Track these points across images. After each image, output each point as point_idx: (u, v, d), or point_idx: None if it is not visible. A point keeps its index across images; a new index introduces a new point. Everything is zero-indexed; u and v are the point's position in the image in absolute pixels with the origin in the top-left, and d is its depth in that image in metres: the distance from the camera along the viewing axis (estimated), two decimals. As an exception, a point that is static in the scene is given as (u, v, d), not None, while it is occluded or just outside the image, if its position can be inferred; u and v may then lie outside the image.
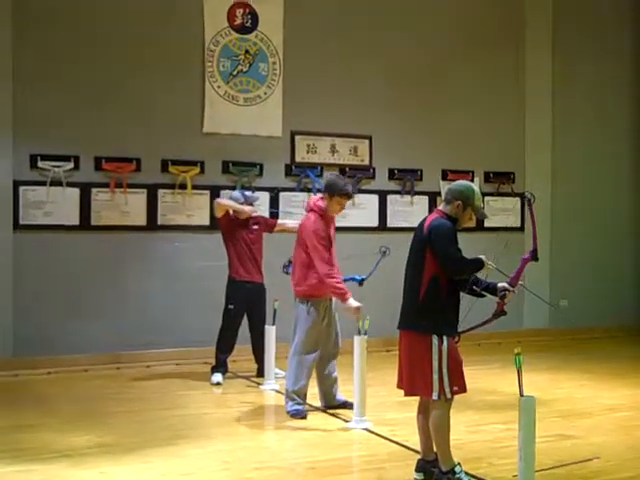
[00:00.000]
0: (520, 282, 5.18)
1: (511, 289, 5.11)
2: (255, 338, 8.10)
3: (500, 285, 5.08)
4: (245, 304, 7.95)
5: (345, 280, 6.75)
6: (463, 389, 4.98)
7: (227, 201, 8.07)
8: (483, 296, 5.06)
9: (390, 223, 10.20)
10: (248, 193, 8.30)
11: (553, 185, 11.21)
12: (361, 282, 6.96)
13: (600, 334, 10.90)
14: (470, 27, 10.71)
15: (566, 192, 11.29)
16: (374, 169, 10.18)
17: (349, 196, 6.74)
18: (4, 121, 8.43)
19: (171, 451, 5.63)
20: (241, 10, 9.61)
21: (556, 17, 11.20)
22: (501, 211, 10.82)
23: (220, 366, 7.99)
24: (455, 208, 5.05)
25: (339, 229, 7.28)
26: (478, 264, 5.02)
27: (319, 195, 6.92)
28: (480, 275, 5.07)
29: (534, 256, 5.31)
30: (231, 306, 7.90)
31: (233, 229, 7.95)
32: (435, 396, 4.87)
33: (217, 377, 7.94)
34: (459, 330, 5.05)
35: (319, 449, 5.76)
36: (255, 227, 8.07)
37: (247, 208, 7.94)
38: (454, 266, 4.92)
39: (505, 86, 10.98)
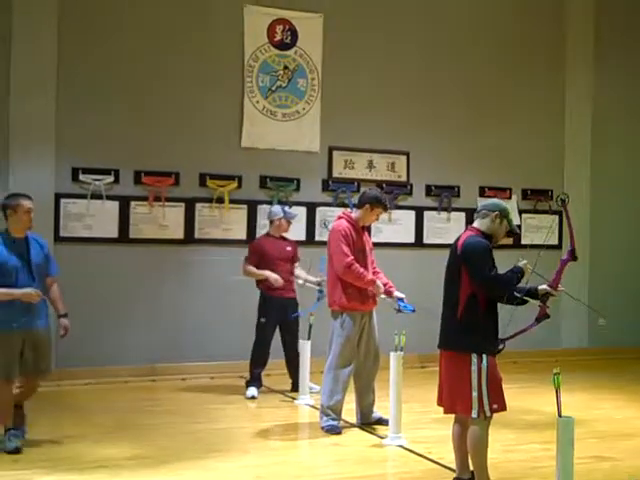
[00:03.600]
0: (561, 286, 5.11)
1: (553, 292, 5.05)
2: (288, 352, 8.11)
3: (541, 288, 5.03)
4: (277, 318, 7.98)
5: (400, 311, 6.71)
6: (503, 407, 4.95)
7: (251, 269, 8.00)
8: (526, 302, 5.00)
9: (426, 240, 10.16)
10: (287, 209, 8.30)
11: (592, 203, 11.09)
12: (413, 311, 6.82)
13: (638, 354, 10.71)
14: (509, 44, 10.67)
15: (605, 209, 11.15)
16: (411, 185, 10.16)
17: (386, 209, 6.89)
18: (47, 134, 8.56)
19: (204, 465, 5.65)
20: (281, 27, 9.68)
21: (597, 34, 11.11)
22: (538, 228, 10.72)
23: (254, 380, 8.01)
24: (493, 219, 5.04)
25: (375, 244, 7.29)
26: (514, 280, 4.96)
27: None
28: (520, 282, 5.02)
29: (573, 256, 5.24)
30: (263, 319, 7.94)
31: (265, 252, 8.01)
32: (475, 414, 4.85)
33: (252, 391, 7.95)
34: (503, 337, 5.01)
35: (353, 465, 5.73)
36: (289, 249, 8.13)
37: (274, 278, 7.88)
38: (492, 288, 4.89)
39: (544, 103, 10.90)
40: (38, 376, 6.03)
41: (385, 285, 6.70)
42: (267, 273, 7.91)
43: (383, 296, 6.70)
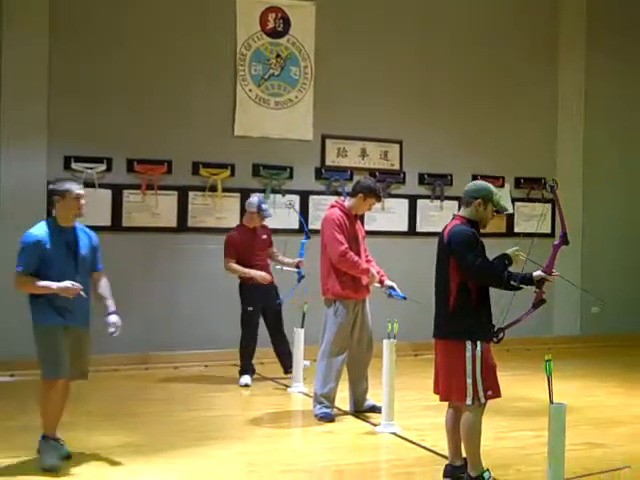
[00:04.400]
0: (555, 271, 5.12)
1: (548, 277, 5.06)
2: (276, 337, 8.17)
3: (536, 274, 5.01)
4: (261, 305, 8.01)
5: (390, 295, 6.74)
6: (497, 394, 4.97)
7: (236, 267, 7.97)
8: (520, 288, 5.00)
9: (419, 228, 10.16)
10: (264, 206, 8.16)
11: (584, 191, 11.11)
12: (404, 298, 6.84)
13: (633, 341, 10.72)
14: (504, 33, 10.66)
15: (598, 197, 11.18)
16: (404, 174, 10.16)
17: (380, 199, 6.91)
18: (39, 123, 8.53)
19: (198, 452, 5.66)
20: (273, 15, 9.64)
21: (590, 24, 11.11)
22: (531, 217, 10.73)
23: (247, 368, 8.02)
24: (476, 207, 5.03)
25: (368, 232, 7.30)
26: (502, 267, 4.95)
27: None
28: (513, 267, 5.02)
29: (564, 240, 5.24)
30: (250, 308, 7.96)
31: (242, 245, 8.00)
32: (469, 401, 4.86)
33: (245, 379, 7.96)
34: (501, 326, 5.01)
35: (346, 453, 5.75)
36: (264, 237, 8.15)
37: (262, 277, 7.89)
38: (479, 275, 4.89)
39: (537, 92, 10.90)
40: (75, 379, 5.50)
41: (377, 273, 6.72)
42: (253, 272, 7.90)
43: (377, 285, 6.71)
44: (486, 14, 10.60)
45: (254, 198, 8.27)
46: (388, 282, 6.75)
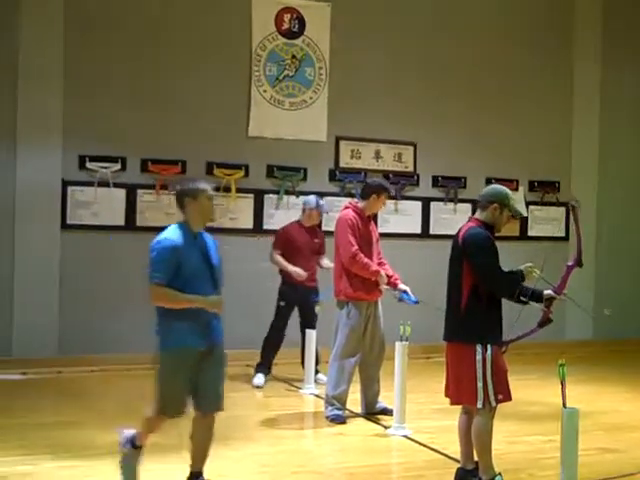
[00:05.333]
0: (564, 291, 5.14)
1: (557, 297, 5.06)
2: (304, 337, 8.11)
3: (546, 293, 5.05)
4: (296, 303, 8.01)
5: (401, 299, 6.75)
6: (508, 397, 4.96)
7: (278, 259, 7.97)
8: (527, 303, 5.02)
9: (433, 230, 10.16)
10: (321, 201, 8.21)
11: (599, 194, 11.08)
12: (416, 302, 6.83)
13: (643, 346, 10.71)
14: (519, 37, 10.64)
15: (613, 200, 11.15)
16: (418, 176, 10.15)
17: (391, 195, 7.10)
18: (55, 122, 8.59)
19: (211, 452, 5.65)
20: (288, 15, 9.66)
21: (605, 27, 11.09)
22: (545, 220, 10.71)
23: (264, 365, 8.04)
24: (492, 211, 5.03)
25: (382, 235, 7.30)
26: (516, 280, 4.96)
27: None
28: (526, 283, 5.03)
29: (579, 262, 5.27)
30: (282, 303, 7.97)
31: (293, 240, 8.01)
32: (480, 404, 4.86)
33: (259, 379, 7.98)
34: (506, 340, 5.03)
35: (357, 455, 5.75)
36: (316, 241, 8.13)
37: (297, 273, 7.83)
38: (491, 282, 4.89)
39: (552, 95, 10.88)
40: (218, 407, 4.84)
41: (390, 277, 6.71)
42: (290, 268, 7.88)
43: (387, 287, 6.71)
44: (501, 14, 10.59)
45: (310, 197, 8.29)
46: (402, 286, 6.75)
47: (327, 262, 7.98)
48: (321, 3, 9.74)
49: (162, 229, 8.88)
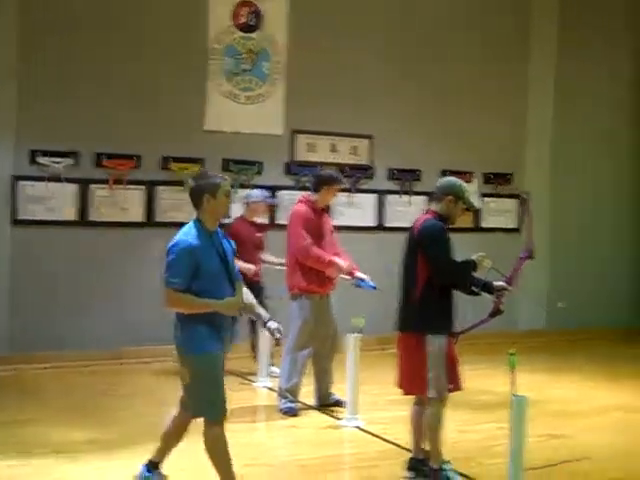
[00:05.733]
0: (516, 282, 5.22)
1: (508, 288, 5.15)
2: (255, 335, 8.14)
3: (497, 284, 5.13)
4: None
5: (359, 285, 6.80)
6: (459, 387, 5.05)
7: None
8: (479, 294, 5.10)
9: (388, 223, 10.21)
10: (268, 195, 8.18)
11: (552, 185, 11.21)
12: (374, 288, 6.85)
13: (596, 335, 10.83)
14: (473, 29, 10.68)
15: (565, 193, 11.29)
16: (373, 169, 10.21)
17: (342, 184, 7.06)
18: (7, 117, 8.46)
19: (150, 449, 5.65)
20: (246, 9, 9.62)
21: (561, 20, 11.19)
22: (499, 212, 10.84)
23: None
24: (447, 204, 5.10)
25: (337, 227, 7.35)
26: (468, 271, 5.05)
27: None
28: (477, 274, 5.11)
29: (530, 254, 5.37)
30: None
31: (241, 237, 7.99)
32: (431, 394, 4.93)
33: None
34: (457, 331, 5.11)
35: (310, 447, 5.79)
36: (258, 235, 8.12)
37: (247, 268, 7.65)
38: (444, 273, 4.96)
39: (507, 87, 10.97)
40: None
41: (348, 266, 6.75)
42: (240, 264, 7.84)
43: (345, 276, 6.75)
44: (456, 9, 10.65)
45: (255, 190, 8.28)
46: (358, 274, 6.80)
47: (270, 257, 8.02)
48: (278, -4, 9.72)
49: (117, 224, 8.63)
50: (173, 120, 9.18)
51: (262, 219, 8.26)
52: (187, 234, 4.46)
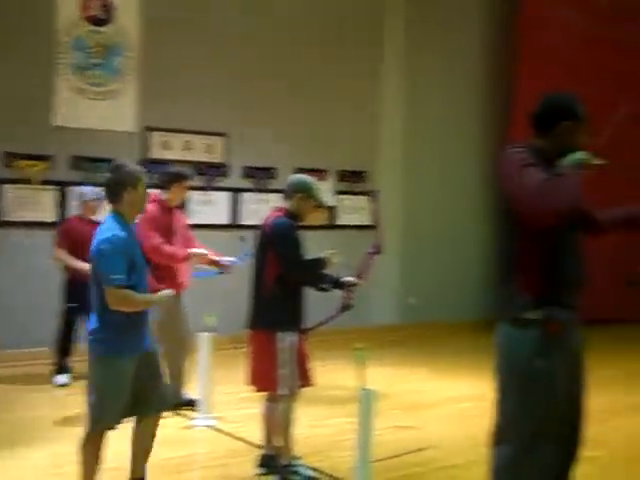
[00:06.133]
0: (365, 278, 5.35)
1: (357, 283, 5.27)
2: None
3: (346, 280, 5.24)
4: (83, 301, 7.77)
5: (200, 276, 6.79)
6: (309, 383, 5.11)
7: (65, 257, 7.70)
8: (329, 290, 5.19)
9: (243, 221, 10.20)
10: (99, 191, 7.97)
11: (404, 182, 11.53)
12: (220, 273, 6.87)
13: (448, 329, 11.20)
14: (328, 25, 10.81)
15: (418, 188, 11.61)
16: (228, 167, 10.18)
17: (190, 179, 6.96)
18: None
19: (5, 455, 5.45)
20: (96, 2, 9.36)
21: (409, 18, 11.49)
22: (353, 209, 11.05)
23: (63, 368, 7.79)
24: (297, 201, 5.15)
25: (192, 226, 7.29)
26: (318, 268, 5.13)
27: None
28: (328, 271, 5.19)
29: (378, 250, 5.52)
30: (72, 305, 7.71)
31: (77, 235, 7.77)
32: (281, 390, 4.97)
33: (62, 378, 7.73)
34: (306, 327, 5.17)
35: (161, 448, 5.64)
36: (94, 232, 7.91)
37: (83, 267, 7.39)
38: (295, 270, 5.01)
39: (360, 86, 11.17)
40: (154, 413, 4.74)
41: (206, 255, 6.73)
42: (80, 265, 7.64)
43: (205, 266, 6.73)
44: (313, 11, 10.75)
45: (86, 187, 8.07)
46: (225, 259, 6.80)
47: None
48: (130, -11, 9.52)
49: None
50: (18, 114, 8.79)
51: (98, 217, 8.01)
52: (112, 229, 4.29)
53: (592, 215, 3.80)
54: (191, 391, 6.80)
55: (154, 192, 7.08)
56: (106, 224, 4.38)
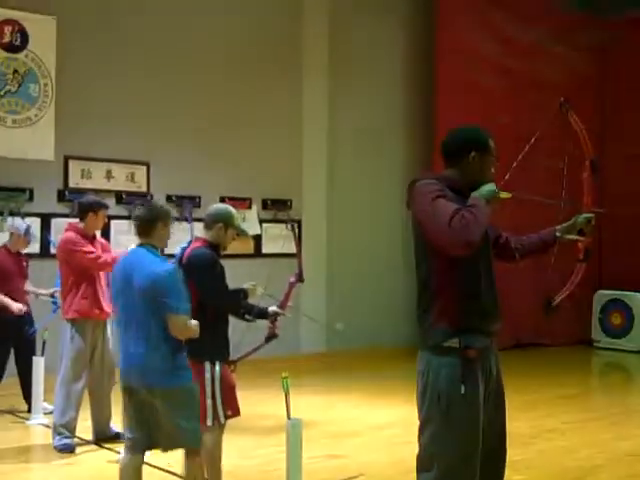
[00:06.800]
0: (289, 304, 5.36)
1: (281, 312, 5.27)
2: (25, 372, 7.66)
3: (270, 309, 5.24)
4: (11, 336, 7.53)
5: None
6: (237, 413, 5.05)
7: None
8: (253, 321, 5.17)
9: (167, 250, 10.02)
10: (32, 230, 7.79)
11: (328, 210, 11.60)
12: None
13: (375, 354, 11.18)
14: (248, 57, 10.84)
15: (342, 218, 11.70)
16: (152, 196, 10.05)
17: (107, 208, 6.82)
18: None
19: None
20: (10, 27, 9.21)
21: (332, 41, 11.61)
22: (278, 238, 11.03)
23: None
24: (217, 231, 5.12)
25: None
26: (237, 299, 5.11)
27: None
28: (251, 301, 5.17)
29: (300, 278, 5.55)
30: None
31: (5, 268, 7.56)
32: (209, 422, 4.89)
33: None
34: (233, 358, 5.12)
35: (87, 484, 5.55)
36: (24, 264, 7.76)
37: (19, 309, 7.39)
38: (214, 302, 4.98)
39: (284, 115, 11.23)
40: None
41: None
42: (7, 302, 7.41)
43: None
44: (235, 41, 10.76)
45: (19, 221, 7.92)
46: None
47: (33, 287, 7.72)
48: (46, 16, 9.37)
49: None
50: None
51: (25, 249, 7.83)
52: (162, 260, 4.60)
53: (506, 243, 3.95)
54: (118, 424, 6.64)
55: (71, 222, 6.97)
56: (146, 257, 4.59)
